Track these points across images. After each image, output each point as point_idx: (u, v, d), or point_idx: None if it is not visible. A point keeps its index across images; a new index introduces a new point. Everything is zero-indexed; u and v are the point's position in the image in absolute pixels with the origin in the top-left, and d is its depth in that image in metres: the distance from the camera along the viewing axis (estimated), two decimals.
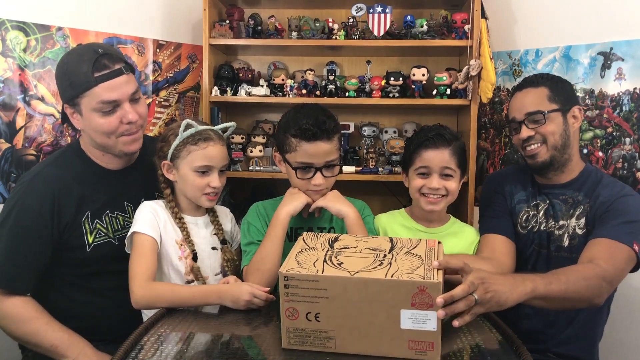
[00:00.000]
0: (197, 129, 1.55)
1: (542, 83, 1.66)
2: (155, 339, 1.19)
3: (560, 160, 1.64)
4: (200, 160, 1.53)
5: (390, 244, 1.23)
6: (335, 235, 1.28)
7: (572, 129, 1.65)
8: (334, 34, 2.31)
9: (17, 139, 2.04)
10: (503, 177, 1.84)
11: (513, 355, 1.13)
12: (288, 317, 1.12)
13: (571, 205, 1.64)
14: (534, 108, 1.63)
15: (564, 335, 1.63)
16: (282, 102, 2.33)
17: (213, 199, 1.59)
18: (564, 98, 1.64)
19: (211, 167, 1.55)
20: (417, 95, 2.31)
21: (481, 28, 2.16)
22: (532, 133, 1.63)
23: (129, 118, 1.53)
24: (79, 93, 1.49)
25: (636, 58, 2.04)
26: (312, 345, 1.12)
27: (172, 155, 1.55)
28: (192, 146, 1.53)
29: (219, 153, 1.56)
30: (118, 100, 1.51)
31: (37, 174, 1.54)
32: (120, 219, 1.62)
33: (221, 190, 1.61)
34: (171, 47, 2.43)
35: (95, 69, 1.48)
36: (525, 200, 1.74)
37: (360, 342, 1.10)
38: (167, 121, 2.43)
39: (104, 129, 1.52)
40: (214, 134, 1.57)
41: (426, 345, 1.07)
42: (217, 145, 1.56)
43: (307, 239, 1.27)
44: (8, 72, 2.01)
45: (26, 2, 2.04)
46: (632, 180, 2.05)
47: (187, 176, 1.54)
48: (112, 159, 1.62)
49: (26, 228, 1.48)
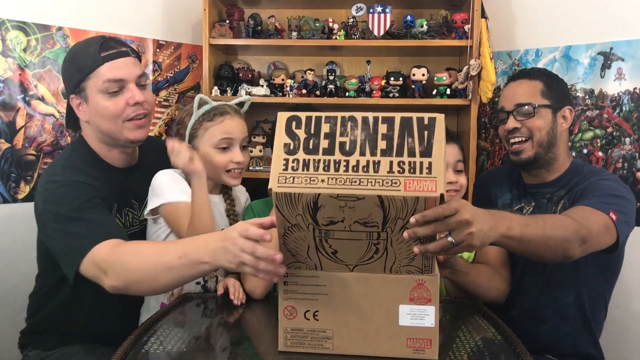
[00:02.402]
0: (211, 105, 1.51)
1: (538, 77, 1.64)
2: (154, 339, 1.19)
3: (544, 158, 1.61)
4: (220, 134, 1.49)
5: (382, 212, 0.98)
6: (313, 198, 0.99)
7: (560, 129, 1.61)
8: (334, 34, 2.31)
9: (17, 139, 2.05)
10: (490, 178, 1.83)
11: (512, 355, 1.13)
12: (286, 317, 1.11)
13: (555, 203, 1.62)
14: (525, 100, 1.60)
15: (559, 334, 1.62)
16: (282, 102, 2.34)
17: (238, 176, 1.54)
18: (557, 96, 1.62)
19: (232, 141, 1.51)
20: (417, 95, 2.31)
21: (481, 28, 2.16)
22: (519, 125, 1.60)
23: (135, 99, 1.49)
24: (86, 75, 1.47)
25: (636, 58, 2.04)
26: (310, 346, 1.11)
27: (190, 136, 1.52)
28: (209, 122, 1.50)
29: (237, 126, 1.52)
30: (124, 79, 1.48)
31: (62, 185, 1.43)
32: (130, 216, 1.61)
33: (245, 166, 1.56)
34: (171, 47, 2.43)
35: (102, 49, 1.48)
36: (509, 204, 1.72)
37: (358, 342, 1.09)
38: (167, 121, 2.43)
39: (109, 110, 1.48)
40: (229, 108, 1.54)
41: (424, 342, 1.07)
42: (234, 118, 1.52)
43: (281, 207, 1.01)
44: (8, 72, 2.02)
45: (26, 2, 2.04)
46: (632, 180, 2.05)
47: (208, 155, 1.50)
48: (117, 155, 1.59)
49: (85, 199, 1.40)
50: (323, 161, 1.01)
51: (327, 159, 1.01)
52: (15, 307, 1.87)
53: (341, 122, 1.03)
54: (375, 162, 1.00)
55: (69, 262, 1.34)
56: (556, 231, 1.27)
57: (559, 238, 1.27)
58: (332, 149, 1.02)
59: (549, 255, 1.29)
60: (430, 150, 0.99)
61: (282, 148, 1.03)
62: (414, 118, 1.02)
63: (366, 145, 1.02)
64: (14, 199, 2.05)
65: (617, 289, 1.66)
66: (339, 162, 1.01)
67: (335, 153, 1.02)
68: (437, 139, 1.00)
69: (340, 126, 1.03)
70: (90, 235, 1.32)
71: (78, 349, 1.54)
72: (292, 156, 1.02)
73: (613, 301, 1.69)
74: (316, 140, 1.03)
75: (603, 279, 1.62)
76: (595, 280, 1.59)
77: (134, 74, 1.50)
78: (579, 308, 1.60)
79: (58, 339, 1.56)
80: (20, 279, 1.94)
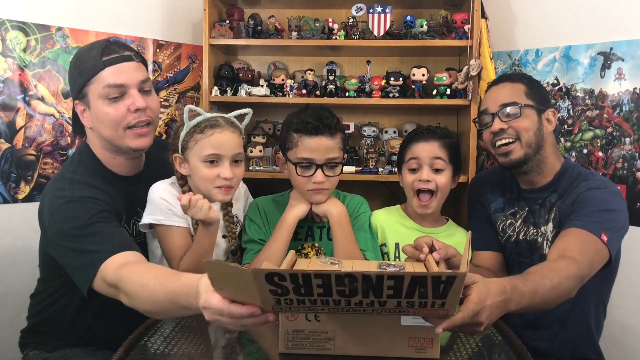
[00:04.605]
0: (204, 117, 1.47)
1: (519, 79, 1.63)
2: (154, 339, 1.19)
3: (534, 160, 1.59)
4: (207, 148, 1.44)
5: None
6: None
7: (546, 131, 1.59)
8: (334, 34, 2.31)
9: (17, 139, 2.05)
10: (485, 180, 1.81)
11: (512, 355, 1.13)
12: (287, 319, 1.10)
13: (547, 209, 1.60)
14: (510, 100, 1.58)
15: (559, 339, 1.61)
16: (282, 102, 2.34)
17: (227, 192, 1.48)
18: (540, 98, 1.61)
19: (220, 156, 1.46)
20: (417, 95, 2.31)
21: (481, 28, 2.16)
22: (505, 126, 1.57)
23: (136, 105, 1.44)
24: (87, 79, 1.44)
25: (636, 58, 2.04)
26: (311, 347, 1.10)
27: (182, 147, 1.49)
28: (199, 135, 1.46)
29: (228, 140, 1.47)
30: (125, 85, 1.44)
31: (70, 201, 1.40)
32: (137, 226, 1.57)
33: (237, 182, 1.52)
34: (171, 47, 2.43)
35: (104, 53, 1.44)
36: (502, 209, 1.71)
37: (360, 342, 1.09)
38: (167, 121, 2.43)
39: (110, 117, 1.44)
40: (223, 121, 1.48)
41: (426, 342, 1.07)
42: (225, 131, 1.47)
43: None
44: (8, 72, 2.02)
45: (26, 2, 2.04)
46: (632, 180, 2.05)
47: (196, 168, 1.47)
48: (123, 162, 1.55)
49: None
50: (320, 301, 0.90)
51: (324, 299, 0.89)
52: (16, 307, 1.87)
53: (336, 279, 0.86)
54: (380, 302, 0.90)
55: (80, 280, 1.33)
56: (561, 289, 1.25)
57: (563, 293, 1.27)
58: (329, 292, 0.88)
59: (550, 307, 1.30)
60: (446, 294, 0.88)
61: (268, 293, 0.88)
62: (429, 278, 0.86)
63: (369, 291, 0.88)
64: (14, 199, 2.05)
65: (617, 288, 1.65)
66: (338, 301, 0.90)
67: (333, 295, 0.89)
68: (454, 289, 0.88)
69: (335, 280, 0.86)
70: (99, 250, 1.29)
71: (79, 352, 1.53)
72: (283, 297, 0.89)
73: (613, 301, 1.68)
74: (308, 288, 0.88)
75: (601, 283, 1.60)
76: (593, 285, 1.58)
77: (135, 79, 1.46)
78: (578, 314, 1.59)
79: (59, 341, 1.56)
80: (20, 279, 1.94)
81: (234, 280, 0.89)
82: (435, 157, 1.62)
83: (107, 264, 1.27)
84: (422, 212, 1.65)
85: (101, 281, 1.27)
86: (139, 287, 1.18)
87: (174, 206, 1.47)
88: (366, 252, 1.58)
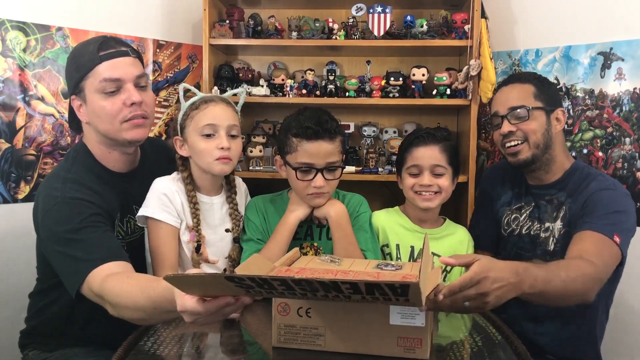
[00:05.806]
0: (199, 96, 1.51)
1: (529, 80, 1.65)
2: (154, 339, 1.19)
3: (542, 159, 1.62)
4: (203, 120, 1.47)
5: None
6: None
7: (555, 131, 1.62)
8: (334, 34, 2.31)
9: (17, 139, 2.05)
10: (498, 173, 1.84)
11: (512, 355, 1.13)
12: (279, 313, 1.12)
13: (556, 207, 1.62)
14: (518, 103, 1.61)
15: (560, 336, 1.61)
16: (282, 102, 2.34)
17: (225, 162, 1.48)
18: (549, 98, 1.63)
19: (216, 127, 1.47)
20: (417, 95, 2.31)
21: (481, 28, 2.16)
22: (514, 129, 1.60)
23: (132, 99, 1.46)
24: (84, 74, 1.46)
25: (636, 58, 2.04)
26: (302, 342, 1.12)
27: (180, 128, 1.52)
28: (194, 111, 1.49)
29: (222, 112, 1.49)
30: (121, 79, 1.46)
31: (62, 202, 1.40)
32: (131, 223, 1.58)
33: (236, 155, 1.53)
34: (171, 47, 2.43)
35: (100, 48, 1.46)
36: (508, 203, 1.74)
37: (350, 339, 1.10)
38: (167, 121, 2.43)
39: (106, 111, 1.46)
40: (216, 97, 1.52)
41: (415, 342, 1.07)
42: (219, 105, 1.50)
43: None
44: (8, 72, 2.02)
45: (26, 2, 2.04)
46: (632, 180, 2.05)
47: (195, 144, 1.48)
48: (118, 157, 1.56)
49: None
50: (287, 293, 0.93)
51: (289, 292, 0.92)
52: (15, 307, 1.87)
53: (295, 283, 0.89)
54: (345, 296, 0.93)
55: (69, 285, 1.35)
56: (577, 284, 1.27)
57: (579, 291, 1.29)
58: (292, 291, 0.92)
59: (567, 304, 1.32)
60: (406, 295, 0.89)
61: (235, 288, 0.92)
62: (382, 285, 0.87)
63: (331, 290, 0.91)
64: (14, 199, 2.05)
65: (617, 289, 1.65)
66: (304, 294, 0.93)
67: (296, 291, 0.92)
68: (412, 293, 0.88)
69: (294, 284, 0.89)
70: (87, 258, 1.31)
71: (79, 352, 1.53)
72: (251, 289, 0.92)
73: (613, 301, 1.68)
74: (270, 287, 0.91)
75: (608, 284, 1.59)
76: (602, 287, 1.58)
77: (131, 74, 1.48)
78: (584, 314, 1.58)
79: (59, 342, 1.56)
80: (20, 279, 1.94)
81: (200, 283, 0.92)
82: (437, 164, 1.63)
83: (93, 274, 1.28)
84: (425, 206, 1.65)
85: (88, 290, 1.30)
86: (122, 297, 1.19)
87: (172, 203, 1.49)
88: (366, 252, 1.57)
